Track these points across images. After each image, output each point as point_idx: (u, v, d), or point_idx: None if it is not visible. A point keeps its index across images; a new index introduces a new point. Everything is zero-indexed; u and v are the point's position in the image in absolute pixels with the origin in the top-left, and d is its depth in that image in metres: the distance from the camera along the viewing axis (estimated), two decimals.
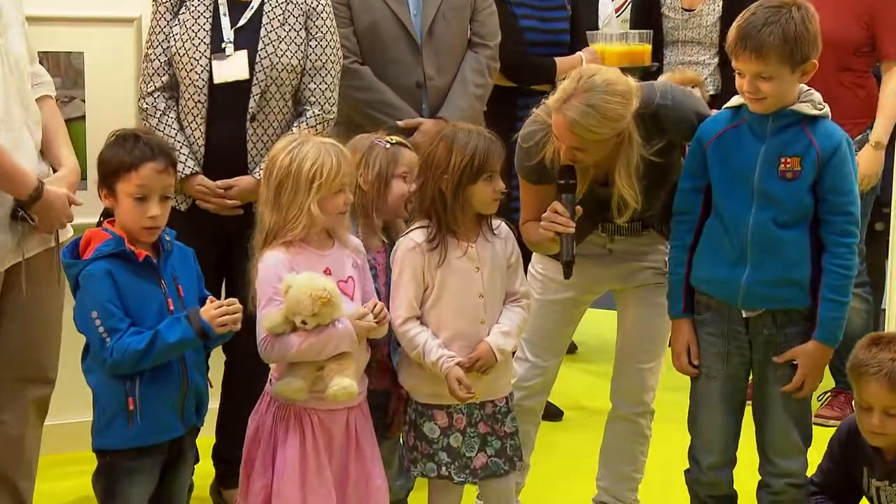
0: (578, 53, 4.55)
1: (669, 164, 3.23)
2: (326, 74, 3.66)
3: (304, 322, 2.87)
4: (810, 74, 3.03)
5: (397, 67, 3.98)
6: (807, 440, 3.20)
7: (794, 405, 3.16)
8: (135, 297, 2.86)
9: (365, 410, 3.07)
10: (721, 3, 5.22)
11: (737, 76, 3.05)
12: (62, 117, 3.45)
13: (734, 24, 3.03)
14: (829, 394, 4.80)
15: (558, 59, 4.48)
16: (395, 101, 3.95)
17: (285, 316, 2.89)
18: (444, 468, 3.16)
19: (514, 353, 3.58)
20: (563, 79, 3.12)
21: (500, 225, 3.22)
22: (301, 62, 3.61)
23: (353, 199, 3.03)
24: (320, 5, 3.66)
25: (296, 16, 3.61)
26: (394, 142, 3.24)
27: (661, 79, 3.99)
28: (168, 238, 2.98)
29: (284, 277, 2.89)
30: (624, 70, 4.20)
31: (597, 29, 4.78)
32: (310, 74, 3.63)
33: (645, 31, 4.76)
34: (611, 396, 3.57)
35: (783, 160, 3.04)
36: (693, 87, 4.68)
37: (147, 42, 3.64)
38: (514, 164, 3.32)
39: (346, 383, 2.93)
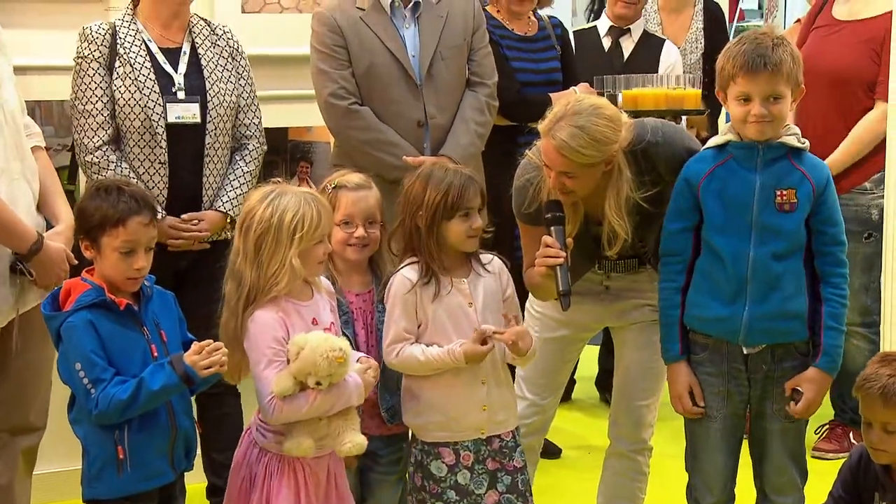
0: (572, 88, 4.57)
1: (662, 199, 3.23)
2: (256, 109, 3.88)
3: (318, 383, 2.84)
4: (796, 103, 3.09)
5: (398, 107, 3.98)
6: (803, 476, 3.21)
7: (792, 442, 3.16)
8: (118, 345, 2.85)
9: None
10: (703, 41, 5.27)
11: (735, 105, 3.04)
12: (54, 167, 3.47)
13: (733, 53, 3.02)
14: (826, 426, 4.79)
15: (553, 95, 4.50)
16: (396, 139, 3.95)
17: (295, 377, 2.85)
18: None
19: None
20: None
21: (492, 260, 3.22)
22: (237, 99, 3.79)
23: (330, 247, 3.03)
24: (238, 44, 3.87)
25: (225, 57, 3.81)
26: (333, 186, 3.24)
27: None
28: (148, 284, 2.96)
29: (293, 338, 2.85)
30: (677, 114, 4.24)
31: (598, 68, 4.79)
32: (244, 110, 3.82)
33: (694, 74, 4.77)
34: (609, 434, 3.57)
35: (779, 193, 3.05)
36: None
37: (79, 98, 3.68)
38: (513, 209, 3.32)
39: (360, 440, 2.93)
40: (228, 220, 3.72)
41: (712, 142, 3.17)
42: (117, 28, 3.70)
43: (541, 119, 3.13)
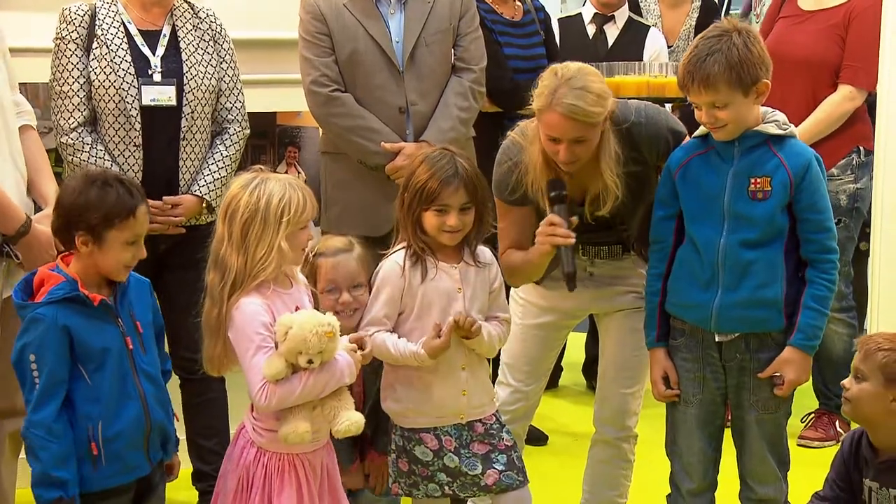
0: None
1: (644, 180, 3.24)
2: (239, 93, 3.86)
3: (310, 361, 2.80)
4: (765, 95, 3.05)
5: (381, 94, 3.97)
6: (783, 465, 3.21)
7: (770, 432, 3.17)
8: (92, 338, 2.80)
9: (329, 443, 3.03)
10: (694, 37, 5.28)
11: (695, 109, 3.07)
12: (44, 148, 3.46)
13: (681, 61, 3.06)
14: (812, 415, 4.81)
15: None
16: (377, 126, 3.94)
17: (286, 359, 2.82)
18: (447, 487, 3.14)
19: (495, 378, 3.59)
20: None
21: (484, 251, 3.20)
22: (218, 83, 3.78)
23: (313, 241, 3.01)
24: (222, 28, 3.86)
25: (206, 41, 3.80)
26: (313, 255, 3.17)
27: None
28: None
29: (279, 319, 2.82)
30: (661, 101, 4.26)
31: (582, 56, 4.78)
32: (225, 94, 3.82)
33: (676, 62, 4.76)
34: (594, 421, 3.57)
35: (753, 180, 3.06)
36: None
37: (57, 79, 3.68)
38: (493, 190, 3.31)
39: (356, 417, 2.89)
40: (205, 205, 3.72)
41: (698, 131, 3.17)
42: (97, 9, 3.70)
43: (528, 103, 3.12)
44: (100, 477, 2.81)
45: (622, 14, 5.11)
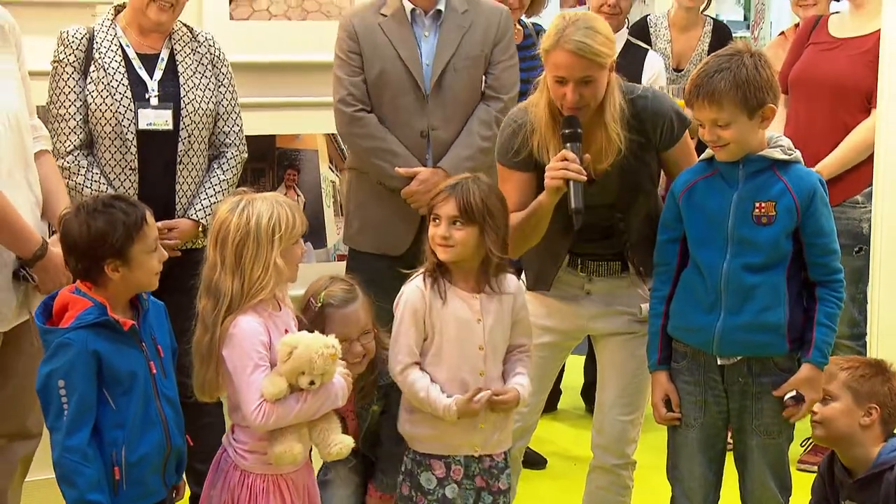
0: None
1: (646, 156, 3.27)
2: (237, 117, 3.88)
3: (311, 382, 2.81)
4: (770, 120, 3.06)
5: (406, 116, 3.97)
6: (785, 490, 3.21)
7: (773, 457, 3.17)
8: (121, 363, 2.78)
9: (309, 462, 3.04)
10: None
11: (699, 127, 3.09)
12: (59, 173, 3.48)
13: (691, 76, 3.08)
14: (811, 439, 4.78)
15: None
16: (397, 148, 3.94)
17: (287, 379, 2.82)
18: None
19: None
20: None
21: (510, 281, 3.18)
22: (215, 107, 3.78)
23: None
24: (220, 52, 3.86)
25: (204, 64, 3.80)
26: (318, 304, 3.13)
27: None
28: (145, 296, 2.92)
29: (283, 339, 2.83)
30: None
31: None
32: (223, 118, 3.82)
33: (678, 85, 4.78)
34: (592, 447, 3.55)
35: (757, 205, 3.06)
36: None
37: (54, 103, 3.69)
38: (496, 156, 3.34)
39: (347, 440, 2.91)
40: (201, 229, 3.71)
41: (704, 155, 3.18)
42: (96, 32, 3.70)
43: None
44: (120, 502, 2.79)
45: (621, 37, 5.12)
